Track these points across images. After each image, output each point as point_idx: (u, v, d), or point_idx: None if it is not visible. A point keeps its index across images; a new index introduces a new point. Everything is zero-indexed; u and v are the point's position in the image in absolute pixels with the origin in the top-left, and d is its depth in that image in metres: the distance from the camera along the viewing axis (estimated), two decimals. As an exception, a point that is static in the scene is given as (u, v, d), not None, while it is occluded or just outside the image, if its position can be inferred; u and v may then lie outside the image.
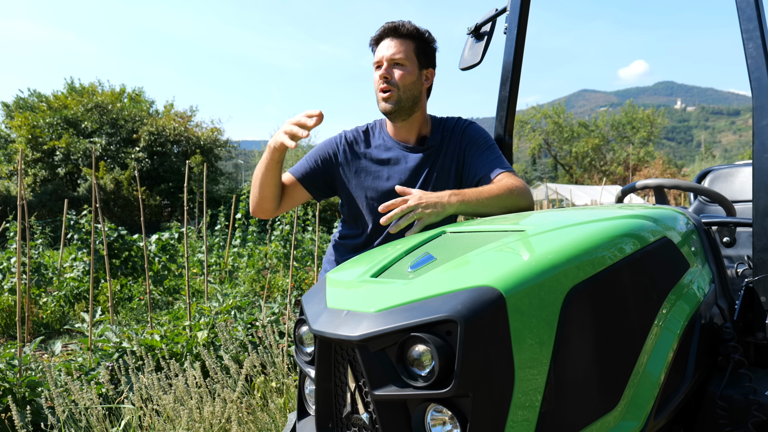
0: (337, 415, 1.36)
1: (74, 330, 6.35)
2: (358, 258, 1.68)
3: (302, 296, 1.56)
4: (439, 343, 1.13)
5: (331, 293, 1.42)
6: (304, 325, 1.47)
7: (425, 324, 1.15)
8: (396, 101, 2.27)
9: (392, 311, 1.21)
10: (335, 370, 1.35)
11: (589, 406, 1.26)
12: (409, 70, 2.28)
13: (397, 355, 1.18)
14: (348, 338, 1.22)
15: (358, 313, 1.25)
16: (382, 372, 1.20)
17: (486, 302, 1.14)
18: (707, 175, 3.76)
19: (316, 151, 2.42)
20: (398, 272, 1.42)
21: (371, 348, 1.21)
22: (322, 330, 1.30)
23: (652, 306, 1.44)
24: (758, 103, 1.80)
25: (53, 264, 9.60)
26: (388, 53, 2.26)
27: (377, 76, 2.29)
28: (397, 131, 2.38)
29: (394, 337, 1.18)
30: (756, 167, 1.79)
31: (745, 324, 1.76)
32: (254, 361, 3.40)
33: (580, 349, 1.25)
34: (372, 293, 1.32)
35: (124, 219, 26.36)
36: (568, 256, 1.29)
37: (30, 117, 29.84)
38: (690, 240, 1.75)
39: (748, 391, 1.55)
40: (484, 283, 1.18)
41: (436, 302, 1.18)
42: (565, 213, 1.76)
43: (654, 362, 1.39)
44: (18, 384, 3.27)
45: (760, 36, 1.81)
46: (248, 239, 10.85)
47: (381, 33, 2.31)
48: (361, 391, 1.28)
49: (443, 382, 1.13)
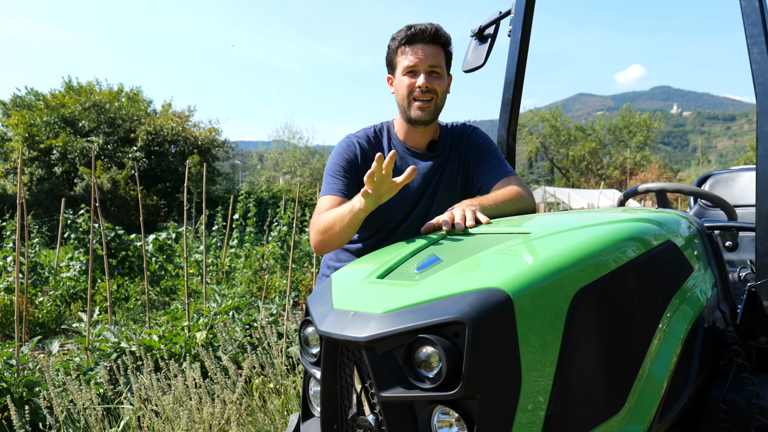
0: (342, 416, 1.36)
1: (71, 330, 6.33)
2: (363, 259, 1.68)
3: (307, 297, 1.55)
4: (447, 344, 1.13)
5: (338, 294, 1.42)
6: (310, 325, 1.46)
7: (433, 325, 1.15)
8: (434, 110, 2.22)
9: (400, 312, 1.21)
10: (341, 371, 1.34)
11: (594, 410, 1.26)
12: (444, 78, 2.23)
13: (405, 357, 1.18)
14: (355, 339, 1.22)
15: (365, 314, 1.25)
16: (389, 373, 1.20)
17: (494, 304, 1.15)
18: (707, 180, 3.77)
19: (338, 163, 2.27)
20: (405, 273, 1.42)
21: (378, 349, 1.21)
22: (328, 331, 1.30)
23: (656, 310, 1.44)
24: (763, 108, 1.81)
25: (50, 263, 9.56)
26: (427, 60, 2.16)
27: (413, 81, 2.18)
28: (409, 136, 2.33)
29: (402, 338, 1.18)
30: (760, 172, 1.80)
31: (748, 328, 1.77)
32: (253, 362, 3.39)
33: (585, 352, 1.25)
34: (379, 294, 1.32)
35: (120, 219, 26.30)
36: (574, 259, 1.29)
37: (27, 115, 29.75)
38: (693, 244, 1.75)
39: (750, 395, 1.55)
40: (491, 285, 1.18)
41: (443, 304, 1.18)
42: (569, 216, 1.76)
43: (658, 366, 1.39)
44: (16, 384, 3.25)
45: (764, 41, 1.82)
46: (246, 240, 10.83)
47: (416, 35, 2.18)
48: (368, 392, 1.28)
49: (450, 383, 1.13)
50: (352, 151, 2.28)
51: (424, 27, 2.18)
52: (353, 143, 2.30)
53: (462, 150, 2.36)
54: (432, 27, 2.18)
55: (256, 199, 11.70)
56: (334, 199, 2.17)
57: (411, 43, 2.18)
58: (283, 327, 4.46)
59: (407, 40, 2.18)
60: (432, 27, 2.18)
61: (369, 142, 2.33)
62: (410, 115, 2.22)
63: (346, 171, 2.24)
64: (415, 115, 2.21)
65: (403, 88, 2.21)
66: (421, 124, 2.26)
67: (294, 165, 40.25)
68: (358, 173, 2.25)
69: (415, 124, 2.26)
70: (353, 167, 2.25)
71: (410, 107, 2.21)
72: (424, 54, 2.17)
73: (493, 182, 2.22)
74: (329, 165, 2.29)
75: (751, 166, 4.09)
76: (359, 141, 2.31)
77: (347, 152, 2.28)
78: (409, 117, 2.24)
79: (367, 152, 2.29)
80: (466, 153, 2.36)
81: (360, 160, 2.27)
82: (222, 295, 5.85)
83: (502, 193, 2.07)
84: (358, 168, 2.26)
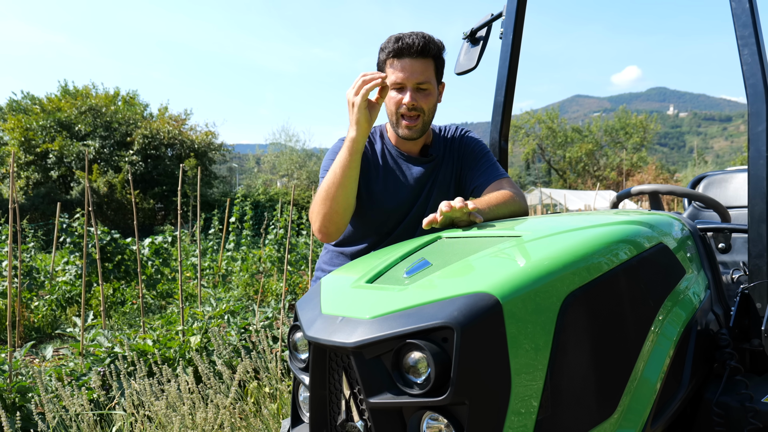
0: (331, 422, 1.34)
1: (66, 334, 6.30)
2: (353, 263, 1.67)
3: (296, 302, 1.54)
4: (435, 350, 1.12)
5: (326, 299, 1.41)
6: (299, 331, 1.45)
7: (421, 331, 1.14)
8: (421, 128, 2.21)
9: (388, 318, 1.19)
10: (330, 377, 1.33)
11: (586, 414, 1.25)
12: (432, 93, 2.19)
13: (393, 362, 1.17)
14: (343, 345, 1.21)
15: (353, 320, 1.24)
16: (377, 379, 1.19)
17: (482, 309, 1.13)
18: (701, 181, 3.76)
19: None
20: (394, 278, 1.41)
21: (366, 355, 1.19)
22: (316, 336, 1.28)
23: (648, 312, 1.43)
24: (754, 110, 1.80)
25: (45, 267, 9.53)
26: (413, 77, 2.12)
27: (400, 98, 2.15)
28: (403, 142, 2.32)
29: (390, 343, 1.17)
30: (752, 173, 1.79)
31: (741, 330, 1.75)
32: (247, 367, 3.38)
33: (576, 355, 1.24)
34: (367, 299, 1.31)
35: (117, 222, 26.25)
36: (565, 263, 1.28)
37: (23, 119, 29.70)
38: (685, 246, 1.74)
39: (744, 398, 1.54)
40: (480, 289, 1.17)
41: (432, 309, 1.16)
42: (560, 219, 1.75)
43: (651, 369, 1.39)
44: (8, 389, 3.23)
45: (755, 42, 1.81)
46: (242, 243, 10.81)
47: (403, 49, 2.12)
48: (356, 398, 1.26)
49: (439, 389, 1.12)
50: None
51: (412, 41, 2.12)
52: None
53: (455, 154, 2.36)
54: (420, 40, 2.12)
55: (252, 202, 11.68)
56: None
57: (399, 57, 2.13)
58: (279, 331, 4.44)
59: (395, 53, 2.13)
60: (420, 40, 2.12)
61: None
62: (398, 132, 2.24)
63: None
64: (402, 134, 2.22)
65: (391, 104, 2.20)
66: (410, 140, 2.27)
67: (291, 168, 40.26)
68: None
69: (404, 139, 2.27)
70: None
71: (398, 125, 2.22)
72: (412, 70, 2.12)
73: (485, 185, 2.22)
74: (325, 163, 2.30)
75: (745, 167, 4.08)
76: None
77: None
78: (397, 133, 2.25)
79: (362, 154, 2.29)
80: (459, 156, 2.36)
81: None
82: (217, 299, 5.83)
83: (495, 196, 2.07)
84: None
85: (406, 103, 2.14)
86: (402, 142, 2.34)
